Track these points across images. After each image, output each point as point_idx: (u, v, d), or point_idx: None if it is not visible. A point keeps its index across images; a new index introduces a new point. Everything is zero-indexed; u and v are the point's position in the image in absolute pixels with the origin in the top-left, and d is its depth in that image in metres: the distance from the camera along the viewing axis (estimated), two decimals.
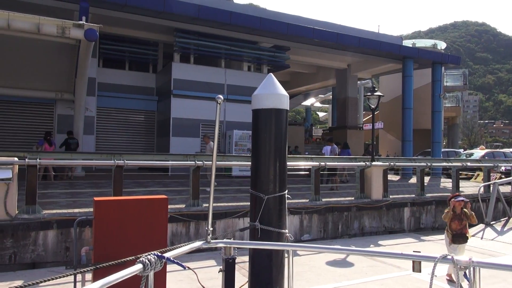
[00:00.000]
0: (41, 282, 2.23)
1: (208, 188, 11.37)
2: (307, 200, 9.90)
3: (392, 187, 12.38)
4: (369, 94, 11.70)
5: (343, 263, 7.25)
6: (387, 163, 11.34)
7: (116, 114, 18.56)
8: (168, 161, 9.75)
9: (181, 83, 16.97)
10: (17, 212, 6.92)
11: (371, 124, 12.46)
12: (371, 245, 9.21)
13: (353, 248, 8.12)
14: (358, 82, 27.76)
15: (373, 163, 10.80)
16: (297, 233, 9.33)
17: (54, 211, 7.37)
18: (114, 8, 14.34)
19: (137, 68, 20.06)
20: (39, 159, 7.29)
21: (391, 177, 17.64)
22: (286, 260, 3.76)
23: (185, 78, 17.08)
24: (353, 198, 10.75)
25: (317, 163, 9.87)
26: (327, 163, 10.10)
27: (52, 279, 2.28)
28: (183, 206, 8.44)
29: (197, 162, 8.35)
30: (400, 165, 12.68)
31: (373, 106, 11.73)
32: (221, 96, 3.26)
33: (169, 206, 5.08)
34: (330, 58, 22.40)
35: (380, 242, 9.48)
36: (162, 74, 18.85)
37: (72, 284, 4.21)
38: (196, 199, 8.45)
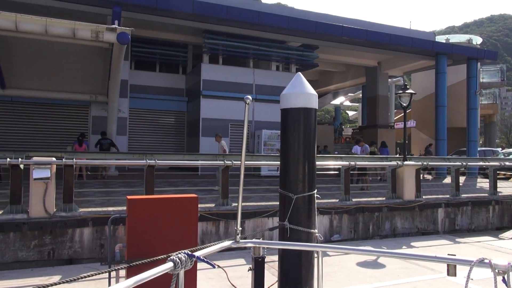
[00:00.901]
0: (79, 278, 2.32)
1: (216, 187, 11.49)
2: (337, 200, 9.79)
3: (425, 187, 12.04)
4: (401, 92, 11.43)
5: (374, 264, 7.12)
6: (420, 163, 11.03)
7: (148, 115, 18.99)
8: (198, 160, 9.89)
9: (210, 84, 17.15)
10: (55, 210, 7.21)
11: (403, 122, 12.17)
12: (403, 247, 9.00)
13: (385, 249, 7.95)
14: (389, 80, 27.17)
15: (405, 162, 10.54)
16: (326, 233, 9.24)
17: (90, 209, 7.62)
18: (145, 11, 14.69)
19: (168, 69, 20.44)
20: (75, 159, 7.57)
21: (424, 177, 17.16)
22: (315, 260, 3.73)
23: (214, 78, 17.26)
24: (384, 198, 10.53)
25: (347, 163, 9.74)
26: (357, 163, 9.94)
27: (88, 275, 2.36)
28: (213, 205, 8.53)
29: (226, 162, 8.42)
30: (433, 165, 12.31)
31: (404, 104, 11.45)
32: (249, 97, 3.27)
33: (199, 205, 5.15)
34: (360, 55, 22.03)
35: (412, 244, 9.24)
36: (191, 75, 19.12)
37: (107, 279, 4.35)
38: (226, 199, 8.52)
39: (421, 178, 12.18)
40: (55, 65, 12.82)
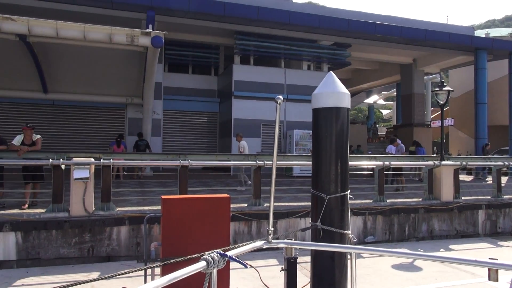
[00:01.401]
0: (116, 274, 2.40)
1: (239, 187, 11.52)
2: (371, 201, 9.59)
3: (464, 188, 11.59)
4: (437, 89, 11.06)
5: (410, 267, 6.93)
6: (459, 162, 10.63)
7: (181, 116, 19.35)
8: (230, 161, 9.97)
9: (242, 85, 17.26)
10: (94, 209, 7.48)
11: (440, 121, 11.76)
12: (441, 250, 8.70)
13: (421, 252, 7.74)
14: (425, 77, 26.34)
15: (443, 162, 10.19)
16: (360, 234, 9.08)
17: (126, 209, 7.86)
18: (178, 15, 14.98)
19: (200, 71, 20.75)
20: (112, 159, 7.83)
21: (463, 177, 16.51)
22: (349, 261, 3.68)
23: (246, 79, 17.35)
24: (420, 199, 10.23)
25: (381, 163, 9.53)
26: (392, 163, 9.70)
27: (125, 272, 2.44)
28: (245, 205, 8.58)
29: (258, 162, 8.44)
30: (473, 165, 11.82)
31: (441, 102, 11.07)
32: (281, 97, 3.27)
33: (232, 205, 5.20)
34: (394, 53, 21.50)
35: (451, 247, 8.92)
36: (223, 76, 19.31)
37: (143, 277, 4.47)
38: (258, 199, 8.54)
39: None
40: (92, 70, 13.31)
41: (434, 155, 13.12)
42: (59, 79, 13.71)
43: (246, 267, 2.60)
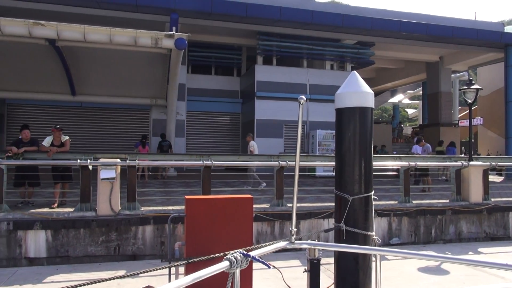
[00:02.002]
0: (141, 273, 2.44)
1: (246, 186, 11.49)
2: (396, 202, 9.41)
3: (494, 189, 11.23)
4: (465, 87, 10.76)
5: (437, 270, 6.76)
6: (488, 163, 10.30)
7: (204, 117, 19.54)
8: (253, 161, 9.99)
9: (264, 85, 17.27)
10: (120, 208, 7.64)
11: (468, 120, 11.43)
12: (470, 252, 8.45)
13: (449, 255, 7.54)
14: (452, 75, 25.65)
15: (471, 162, 9.89)
16: (385, 236, 8.93)
17: (151, 208, 7.99)
18: (200, 16, 15.14)
19: (223, 72, 20.90)
20: (137, 160, 7.99)
21: (493, 178, 16.00)
22: (373, 263, 3.62)
23: (268, 80, 17.36)
24: (448, 201, 9.96)
25: (406, 163, 9.34)
26: (417, 163, 9.50)
27: (150, 270, 2.48)
28: (268, 205, 8.58)
29: (280, 163, 8.43)
30: (503, 165, 11.43)
31: (470, 101, 10.76)
32: (303, 97, 3.26)
33: (254, 206, 5.21)
34: (420, 51, 21.05)
35: (480, 249, 8.65)
36: (246, 77, 19.38)
37: (167, 276, 4.54)
38: (281, 199, 8.53)
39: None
40: (118, 72, 13.61)
41: (462, 155, 12.76)
42: (86, 82, 14.09)
43: (269, 267, 2.60)
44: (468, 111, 11.18)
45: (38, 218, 7.13)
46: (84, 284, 2.02)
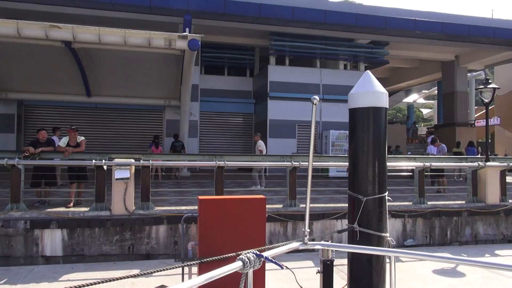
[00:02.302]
0: (155, 272, 2.47)
1: (254, 187, 11.46)
2: (411, 203, 9.30)
3: (511, 190, 11.00)
4: (482, 87, 10.56)
5: (453, 273, 6.65)
6: (505, 163, 10.10)
7: (217, 117, 19.61)
8: (266, 161, 9.99)
9: (277, 85, 17.26)
10: (134, 208, 7.72)
11: (485, 120, 11.23)
12: (486, 255, 8.29)
13: (465, 257, 7.41)
14: (468, 74, 25.25)
15: (488, 163, 9.72)
16: (399, 237, 8.83)
17: (164, 208, 8.05)
18: (213, 17, 15.21)
19: (235, 73, 20.95)
20: (151, 160, 8.06)
21: (511, 179, 15.68)
22: (387, 265, 3.59)
23: (281, 80, 17.34)
24: (463, 202, 9.80)
25: (421, 164, 9.22)
26: (432, 164, 9.37)
27: (163, 270, 2.50)
28: (281, 206, 8.56)
29: (293, 163, 8.41)
30: None
31: (486, 100, 10.56)
32: (316, 97, 3.24)
33: (267, 206, 5.21)
34: (435, 50, 20.76)
35: (497, 252, 8.48)
36: (258, 78, 19.39)
37: (180, 275, 4.57)
38: (293, 200, 8.50)
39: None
40: (132, 73, 13.76)
41: (479, 156, 12.54)
42: (101, 83, 14.29)
43: (282, 268, 2.60)
44: (484, 110, 10.97)
45: (54, 217, 7.25)
46: (99, 283, 2.05)
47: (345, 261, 3.81)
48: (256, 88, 19.67)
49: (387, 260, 3.58)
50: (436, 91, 30.67)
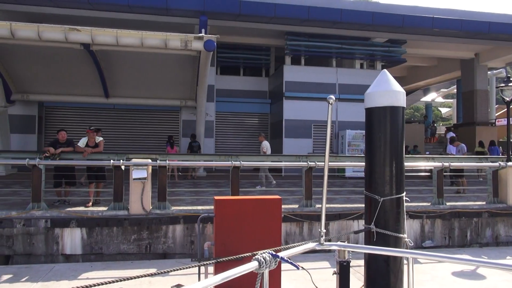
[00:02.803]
0: (172, 271, 2.49)
1: (259, 186, 11.41)
2: (429, 204, 9.15)
3: None
4: (503, 85, 10.32)
5: (472, 275, 6.52)
6: None
7: (233, 117, 19.66)
8: (281, 161, 9.97)
9: (293, 85, 17.21)
10: (151, 207, 7.81)
11: (506, 119, 10.96)
12: (508, 257, 8.10)
13: (486, 259, 7.26)
14: (489, 72, 24.67)
15: (509, 163, 9.48)
16: (417, 238, 8.70)
17: (181, 208, 8.12)
18: (229, 18, 15.26)
19: (251, 73, 20.97)
20: (168, 160, 8.14)
21: None
22: (405, 266, 3.54)
23: (297, 80, 17.28)
24: (484, 203, 9.59)
25: (440, 164, 9.06)
26: (451, 164, 9.20)
27: (180, 269, 2.52)
28: (296, 206, 8.54)
29: (309, 163, 8.37)
30: None
31: (508, 99, 10.31)
32: (332, 96, 3.23)
33: (283, 206, 5.21)
34: (454, 48, 20.37)
35: None
36: (274, 78, 19.37)
37: (197, 275, 4.60)
38: (309, 200, 8.47)
39: None
40: (149, 74, 13.92)
41: (500, 156, 12.25)
42: (119, 84, 14.50)
43: (298, 268, 2.59)
44: (506, 109, 10.71)
45: (74, 216, 7.39)
46: (117, 281, 2.08)
47: (361, 262, 3.78)
48: (272, 88, 19.65)
49: (405, 262, 3.53)
50: (455, 90, 30.08)
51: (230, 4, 14.68)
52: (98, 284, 2.01)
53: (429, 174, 10.76)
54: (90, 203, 8.25)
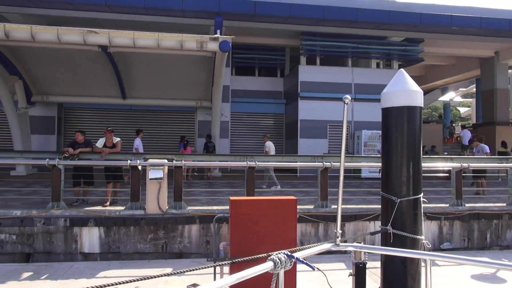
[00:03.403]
0: (188, 271, 2.51)
1: (264, 186, 11.35)
2: (447, 205, 8.99)
3: None
4: None
5: (492, 278, 6.37)
6: None
7: (248, 118, 19.69)
8: (296, 162, 9.94)
9: (308, 85, 17.14)
10: (167, 207, 7.89)
11: None
12: None
13: (506, 262, 7.09)
14: (509, 70, 24.10)
15: None
16: (435, 240, 8.56)
17: (196, 208, 8.17)
18: (244, 19, 15.30)
19: (266, 73, 20.97)
20: (184, 160, 8.21)
21: None
22: (423, 269, 3.49)
23: (312, 80, 17.21)
24: (504, 204, 9.37)
25: (458, 164, 8.89)
26: (470, 164, 9.02)
27: (196, 269, 2.54)
28: (312, 206, 8.50)
29: (325, 163, 8.33)
30: None
31: None
32: (348, 96, 3.20)
33: (298, 207, 5.18)
34: (473, 46, 19.96)
35: None
36: (289, 78, 19.33)
37: (212, 275, 4.62)
38: (325, 200, 8.42)
39: None
40: (165, 75, 14.07)
41: None
42: (135, 85, 14.69)
43: (313, 269, 2.58)
44: None
45: (92, 216, 7.52)
46: (135, 280, 2.11)
47: (378, 263, 3.74)
48: (287, 88, 19.61)
49: (422, 264, 3.48)
50: (475, 89, 29.48)
51: (245, 4, 14.71)
52: (117, 283, 2.04)
53: (447, 175, 10.57)
54: (108, 203, 8.37)
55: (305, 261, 2.51)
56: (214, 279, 4.59)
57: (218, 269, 4.57)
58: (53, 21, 14.93)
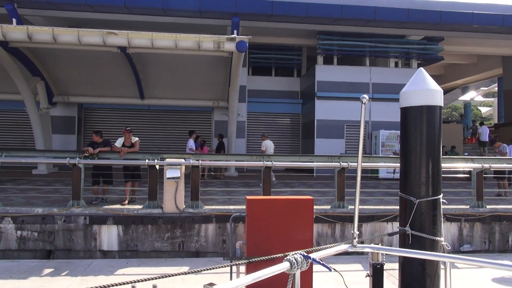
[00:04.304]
0: (204, 270, 2.53)
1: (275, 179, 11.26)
2: (468, 207, 8.81)
3: None
4: None
5: None
6: None
7: (264, 118, 19.68)
8: (313, 162, 9.89)
9: (325, 85, 17.04)
10: (184, 206, 7.96)
11: None
12: None
13: None
14: None
15: None
16: (455, 242, 8.40)
17: (213, 207, 8.22)
18: (261, 19, 15.30)
19: (283, 73, 20.92)
20: (200, 160, 8.27)
21: None
22: (442, 271, 3.43)
23: (329, 79, 17.09)
24: None
25: (479, 165, 8.70)
26: (492, 165, 8.81)
27: (213, 268, 2.56)
28: (329, 207, 8.45)
29: (342, 164, 8.26)
30: None
31: None
32: (366, 96, 3.17)
33: (315, 207, 5.16)
34: (495, 44, 19.47)
35: None
36: (306, 78, 19.24)
37: (229, 274, 4.64)
38: (342, 201, 8.36)
39: None
40: (182, 76, 14.19)
41: None
42: (153, 86, 14.86)
43: (330, 270, 2.56)
44: None
45: (111, 214, 7.65)
46: (153, 279, 2.14)
47: (395, 265, 3.70)
48: (304, 88, 19.53)
49: (442, 266, 3.42)
50: (496, 88, 28.78)
51: (262, 4, 14.70)
52: (136, 281, 2.07)
53: (467, 176, 10.35)
54: (126, 201, 8.50)
55: (321, 262, 2.50)
56: (231, 278, 4.61)
57: (234, 268, 4.58)
58: (73, 23, 15.23)
